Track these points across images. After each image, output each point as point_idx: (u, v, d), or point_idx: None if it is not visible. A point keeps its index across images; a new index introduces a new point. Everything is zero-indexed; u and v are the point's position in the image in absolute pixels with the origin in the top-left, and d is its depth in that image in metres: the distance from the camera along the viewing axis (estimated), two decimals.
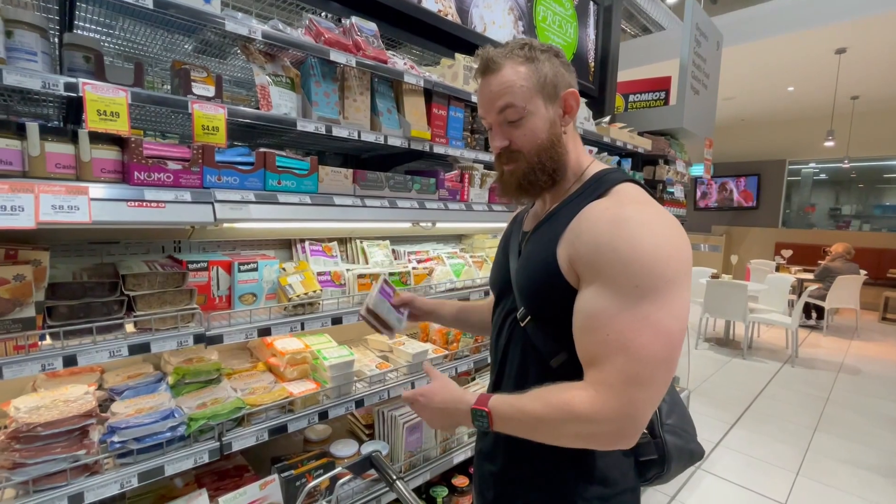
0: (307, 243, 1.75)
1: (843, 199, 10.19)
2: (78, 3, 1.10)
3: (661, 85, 3.87)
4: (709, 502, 2.56)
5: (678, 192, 3.47)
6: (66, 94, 0.96)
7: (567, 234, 0.81)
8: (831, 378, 4.60)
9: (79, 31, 1.28)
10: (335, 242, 1.83)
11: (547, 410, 0.74)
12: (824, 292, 5.94)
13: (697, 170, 4.06)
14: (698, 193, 10.71)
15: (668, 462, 0.92)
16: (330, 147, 1.91)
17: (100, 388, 1.23)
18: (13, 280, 0.93)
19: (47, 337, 1.03)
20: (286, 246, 1.76)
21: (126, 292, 1.12)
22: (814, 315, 6.69)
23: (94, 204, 0.93)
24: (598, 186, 0.85)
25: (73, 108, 1.24)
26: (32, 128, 0.91)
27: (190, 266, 1.31)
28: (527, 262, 0.90)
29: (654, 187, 3.29)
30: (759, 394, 4.16)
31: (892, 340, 6.21)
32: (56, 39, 1.29)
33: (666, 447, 0.91)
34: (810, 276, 6.47)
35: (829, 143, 6.98)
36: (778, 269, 7.16)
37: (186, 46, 1.46)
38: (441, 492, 1.65)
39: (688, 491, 2.66)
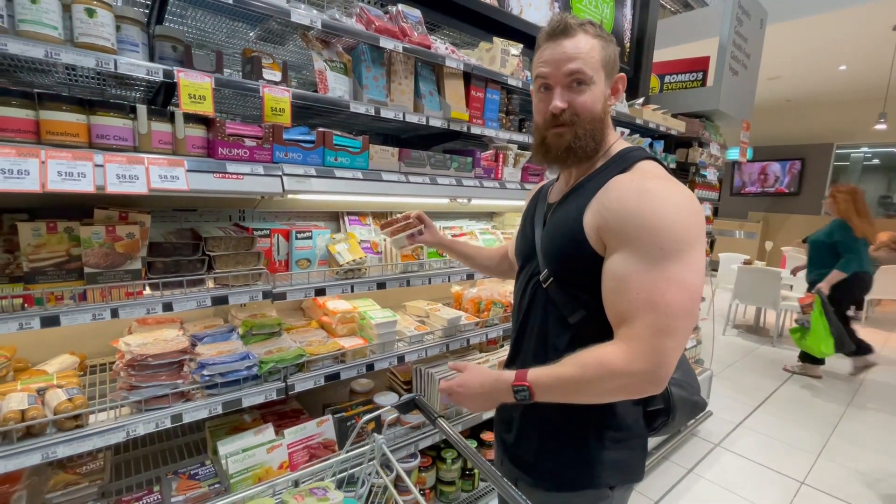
0: (347, 215, 1.91)
1: (894, 187, 9.66)
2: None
3: (699, 65, 3.80)
4: (726, 476, 2.65)
5: (711, 174, 3.45)
6: (163, 80, 1.13)
7: (594, 205, 0.91)
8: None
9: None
10: (370, 215, 1.98)
11: (584, 372, 0.84)
12: None
13: (733, 153, 4.00)
14: (736, 179, 10.34)
15: (674, 412, 1.02)
16: (373, 127, 2.05)
17: (184, 334, 1.44)
18: (126, 237, 1.12)
19: (147, 287, 1.23)
20: (334, 218, 1.92)
21: (207, 252, 1.31)
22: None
23: (189, 175, 1.10)
24: (623, 162, 0.95)
25: (159, 91, 1.42)
26: (142, 110, 1.08)
27: (255, 233, 1.49)
28: (554, 229, 1.00)
29: (686, 170, 3.29)
30: (786, 380, 4.15)
31: None
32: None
33: (672, 398, 1.01)
34: None
35: (882, 126, 6.62)
36: None
37: (251, 34, 1.61)
38: (470, 444, 1.82)
39: (705, 465, 2.76)
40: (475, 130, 1.84)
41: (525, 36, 2.23)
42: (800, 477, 2.68)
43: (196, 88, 1.16)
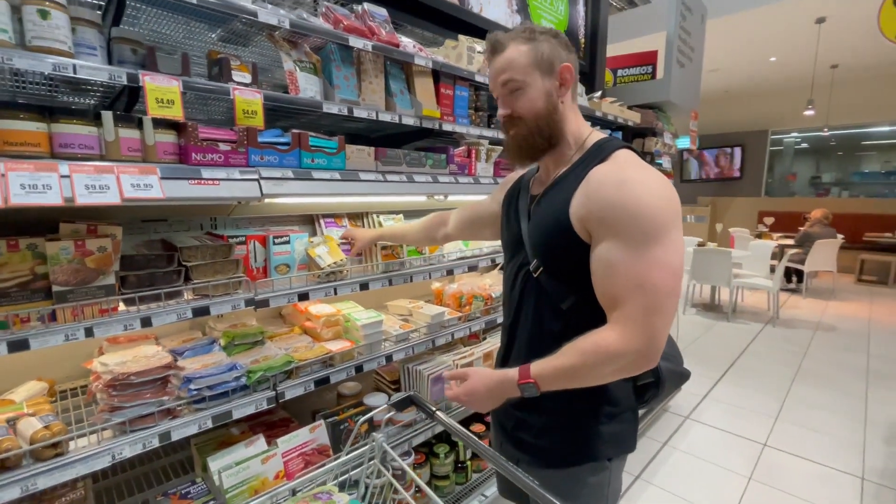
0: (322, 218, 1.89)
1: (823, 168, 10.53)
2: (127, 2, 1.20)
3: (648, 59, 3.99)
4: (697, 446, 2.81)
5: (666, 163, 3.64)
6: (128, 84, 1.07)
7: (577, 196, 0.95)
8: (809, 336, 4.91)
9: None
10: (346, 217, 1.97)
11: (585, 359, 0.88)
12: (804, 257, 6.25)
13: (684, 142, 4.23)
14: (694, 166, 10.91)
15: (662, 384, 1.09)
16: (342, 128, 2.03)
17: (163, 349, 1.38)
18: (97, 251, 1.06)
19: (121, 303, 1.17)
20: (308, 221, 1.89)
21: (183, 263, 1.26)
22: (794, 279, 7.02)
23: (163, 182, 1.06)
24: (600, 153, 1.00)
25: (118, 97, 1.34)
26: (108, 116, 1.02)
27: (230, 240, 1.44)
28: (541, 220, 1.04)
29: (643, 159, 3.45)
30: (743, 352, 4.45)
31: (866, 300, 6.57)
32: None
33: (661, 371, 1.08)
34: (791, 241, 6.76)
35: (810, 112, 7.20)
36: (760, 236, 7.44)
37: (211, 35, 1.56)
38: None
39: (678, 437, 2.91)
40: (447, 127, 1.85)
41: (485, 32, 2.27)
42: (762, 440, 2.88)
43: (164, 93, 1.11)
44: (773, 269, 5.68)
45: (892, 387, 3.65)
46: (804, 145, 10.60)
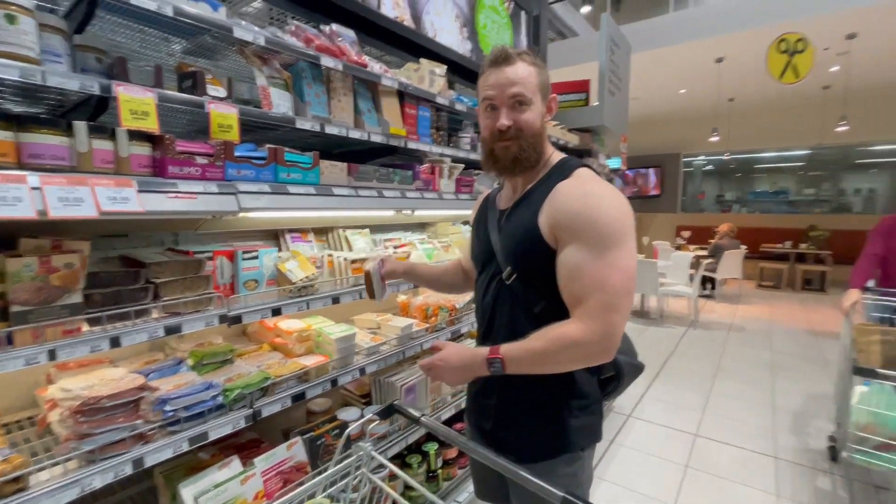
0: (288, 233, 1.87)
1: (725, 187, 11.93)
2: (97, 12, 1.15)
3: (582, 87, 4.36)
4: (641, 441, 3.05)
5: None
6: (100, 94, 1.04)
7: (545, 208, 1.06)
8: (724, 336, 5.49)
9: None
10: (311, 232, 1.96)
11: (548, 345, 0.98)
12: (715, 265, 7.01)
13: (615, 162, 4.64)
14: (617, 184, 11.82)
15: (622, 376, 1.21)
16: (310, 143, 2.03)
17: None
18: (64, 268, 1.00)
19: (85, 323, 1.09)
20: (272, 237, 1.86)
21: (152, 280, 1.21)
22: (709, 286, 7.82)
23: (140, 195, 1.03)
24: (563, 170, 1.12)
25: (74, 108, 1.27)
26: (81, 126, 0.98)
27: (196, 256, 1.40)
28: (513, 231, 1.13)
29: None
30: (672, 353, 4.88)
31: (766, 303, 7.48)
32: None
33: (620, 365, 1.20)
34: (705, 252, 7.56)
35: (714, 139, 8.17)
36: (679, 248, 8.24)
37: (174, 47, 1.52)
38: (432, 446, 1.87)
39: (623, 434, 3.14)
40: (412, 145, 1.93)
41: (441, 57, 2.39)
42: (693, 431, 3.19)
43: (138, 104, 1.08)
44: (691, 278, 6.31)
45: (792, 378, 4.19)
46: (710, 167, 11.97)
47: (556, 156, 1.18)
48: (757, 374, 4.26)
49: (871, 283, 2.63)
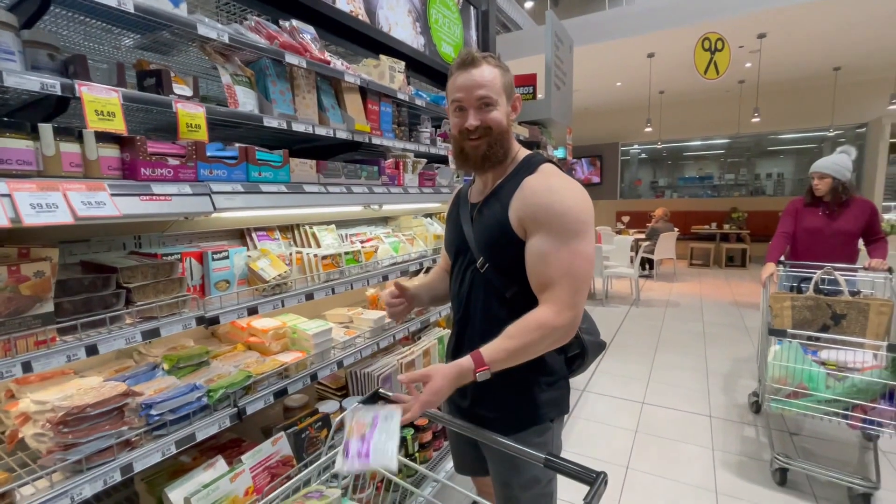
0: (254, 232, 1.85)
1: (658, 174, 12.82)
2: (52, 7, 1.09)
3: (529, 81, 4.53)
4: (595, 412, 3.30)
5: None
6: (61, 94, 1.00)
7: (514, 202, 1.16)
8: (662, 312, 5.98)
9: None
10: (277, 229, 1.95)
11: (528, 338, 1.05)
12: (653, 248, 7.56)
13: (561, 152, 4.88)
14: (578, 174, 12.30)
15: (586, 353, 1.35)
16: (268, 141, 2.00)
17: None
18: (34, 276, 0.96)
19: (55, 332, 1.06)
20: (237, 235, 1.83)
21: (123, 285, 1.18)
22: (647, 266, 8.43)
23: (114, 199, 1.01)
24: (530, 166, 1.22)
25: (22, 109, 1.19)
26: (47, 129, 0.94)
27: (165, 259, 1.36)
28: (485, 223, 1.22)
29: None
30: (617, 330, 5.25)
31: (697, 280, 8.19)
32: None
33: (584, 343, 1.34)
34: (643, 236, 8.12)
35: (648, 129, 8.73)
36: (620, 232, 8.79)
37: (126, 42, 1.45)
38: (409, 431, 1.94)
39: (580, 408, 3.38)
40: (376, 141, 1.96)
41: (397, 52, 2.43)
42: (640, 399, 3.49)
43: (103, 104, 1.05)
44: (631, 260, 6.79)
45: (721, 345, 4.67)
46: (644, 156, 12.80)
47: (522, 152, 1.27)
48: (692, 344, 4.71)
49: (782, 258, 3.01)
